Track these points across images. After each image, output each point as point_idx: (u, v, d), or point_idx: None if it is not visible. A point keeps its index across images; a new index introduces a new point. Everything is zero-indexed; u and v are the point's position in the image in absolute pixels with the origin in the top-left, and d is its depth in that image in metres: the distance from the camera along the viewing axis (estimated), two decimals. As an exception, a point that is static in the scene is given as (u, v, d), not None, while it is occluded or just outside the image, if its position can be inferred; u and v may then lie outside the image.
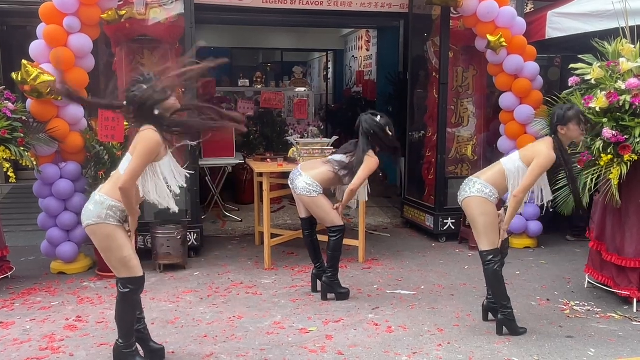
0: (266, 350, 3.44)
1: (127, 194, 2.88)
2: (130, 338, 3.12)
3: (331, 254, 4.28)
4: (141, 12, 5.02)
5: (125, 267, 3.01)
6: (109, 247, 2.99)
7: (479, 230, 3.58)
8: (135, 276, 3.03)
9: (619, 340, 3.63)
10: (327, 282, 4.31)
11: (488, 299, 3.83)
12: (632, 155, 3.79)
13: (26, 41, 4.93)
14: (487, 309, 3.85)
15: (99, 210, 2.95)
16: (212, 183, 7.32)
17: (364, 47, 10.32)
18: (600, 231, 4.32)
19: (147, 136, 2.88)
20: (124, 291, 3.03)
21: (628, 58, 3.92)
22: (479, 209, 3.53)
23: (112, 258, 3.02)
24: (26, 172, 5.65)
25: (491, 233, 3.55)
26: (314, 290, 4.44)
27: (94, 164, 4.97)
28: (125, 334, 3.11)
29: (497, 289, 3.64)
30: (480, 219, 3.53)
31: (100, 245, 3.03)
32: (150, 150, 2.87)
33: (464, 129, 6.28)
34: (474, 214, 3.57)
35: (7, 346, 3.51)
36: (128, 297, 3.05)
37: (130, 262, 3.01)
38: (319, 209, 4.25)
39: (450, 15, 5.83)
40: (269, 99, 8.78)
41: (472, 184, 3.60)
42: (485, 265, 3.60)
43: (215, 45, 11.04)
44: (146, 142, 2.87)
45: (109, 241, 2.98)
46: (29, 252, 5.59)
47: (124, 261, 3.00)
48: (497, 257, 3.58)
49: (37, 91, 4.47)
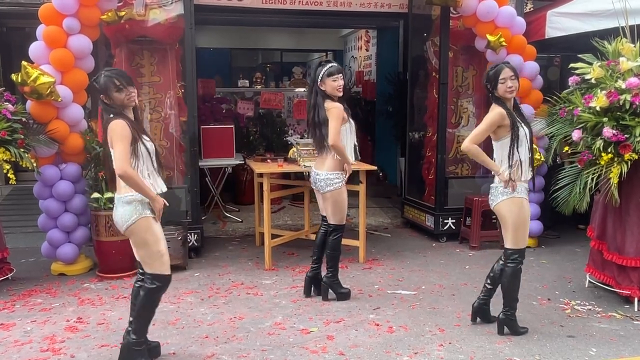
0: (267, 351, 3.44)
1: (129, 177, 2.93)
2: (143, 335, 3.16)
3: (330, 253, 4.26)
4: (141, 13, 5.02)
5: (159, 261, 3.07)
6: (147, 240, 3.05)
7: (508, 228, 3.56)
8: (166, 274, 3.11)
9: (620, 339, 3.63)
10: (327, 283, 4.30)
11: (479, 299, 3.82)
12: (633, 155, 3.79)
13: (26, 42, 4.94)
14: (478, 310, 3.83)
15: (133, 208, 3.01)
16: (212, 184, 7.32)
17: (363, 47, 10.32)
18: (601, 230, 4.32)
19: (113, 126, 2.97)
20: (152, 287, 3.08)
21: (628, 57, 3.93)
22: (509, 210, 3.51)
23: (148, 252, 3.06)
24: (26, 173, 5.64)
25: (520, 232, 3.54)
26: (308, 295, 4.38)
27: (94, 165, 4.97)
28: (140, 329, 3.15)
29: (511, 289, 3.62)
30: (510, 219, 3.52)
31: (139, 240, 3.06)
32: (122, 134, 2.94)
33: (464, 128, 6.28)
34: (505, 216, 3.55)
35: (8, 348, 3.51)
36: (154, 293, 3.11)
37: (164, 256, 3.10)
38: (337, 204, 4.17)
39: (450, 15, 5.83)
40: (269, 99, 8.78)
41: (494, 190, 3.58)
42: (508, 263, 3.58)
43: (215, 45, 11.06)
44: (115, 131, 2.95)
45: (148, 234, 3.04)
46: (30, 254, 5.58)
47: (159, 254, 3.07)
48: (521, 257, 3.58)
49: (36, 92, 4.46)
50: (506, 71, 3.46)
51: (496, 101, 3.51)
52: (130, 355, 3.14)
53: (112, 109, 3.03)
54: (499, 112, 3.45)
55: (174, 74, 5.57)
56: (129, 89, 3.03)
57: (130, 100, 3.05)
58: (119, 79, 3.01)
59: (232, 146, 6.87)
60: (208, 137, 6.78)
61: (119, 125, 2.96)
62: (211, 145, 6.75)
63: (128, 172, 2.92)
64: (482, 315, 3.84)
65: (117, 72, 3.08)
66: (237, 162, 6.84)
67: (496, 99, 3.51)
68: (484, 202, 5.43)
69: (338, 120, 4.02)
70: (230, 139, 6.86)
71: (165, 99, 5.56)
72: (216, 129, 6.93)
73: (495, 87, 3.48)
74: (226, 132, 6.90)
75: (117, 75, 3.03)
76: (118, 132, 2.94)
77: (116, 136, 2.94)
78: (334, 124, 4.00)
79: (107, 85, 2.99)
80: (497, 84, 3.47)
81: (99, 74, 3.07)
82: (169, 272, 3.13)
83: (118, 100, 3.01)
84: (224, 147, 6.80)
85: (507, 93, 3.47)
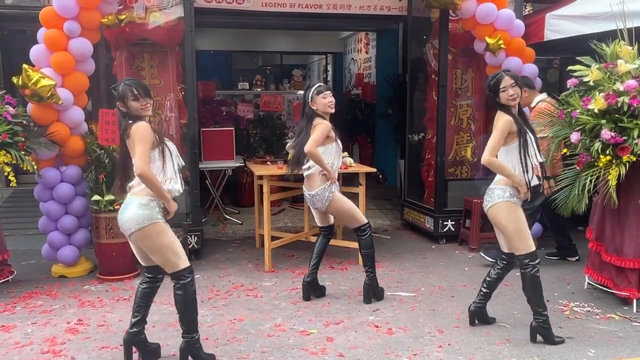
0: (267, 353, 3.45)
1: (149, 178, 2.98)
2: (196, 330, 3.22)
3: (365, 252, 4.27)
4: (141, 16, 5.04)
5: (177, 256, 3.12)
6: (162, 244, 3.08)
7: (510, 235, 3.50)
8: (188, 265, 3.16)
9: (619, 340, 3.64)
10: (368, 284, 4.29)
11: (475, 303, 3.82)
12: (631, 157, 3.80)
13: (27, 45, 4.95)
14: (475, 313, 3.83)
15: (148, 212, 3.04)
16: (213, 186, 7.33)
17: (363, 49, 10.35)
18: (599, 232, 4.33)
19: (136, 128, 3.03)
20: (184, 282, 3.13)
21: (626, 60, 3.93)
22: (504, 215, 3.47)
23: (166, 254, 3.10)
24: (27, 176, 5.65)
25: (522, 235, 3.48)
26: (307, 299, 4.38)
27: (95, 168, 4.99)
28: (191, 326, 3.20)
29: (534, 295, 3.55)
30: (508, 225, 3.48)
31: (153, 245, 3.09)
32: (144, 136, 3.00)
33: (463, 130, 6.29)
34: (501, 222, 3.50)
35: (9, 349, 3.52)
36: (189, 288, 3.16)
37: (181, 250, 3.14)
38: (341, 211, 4.24)
39: (449, 17, 5.84)
40: (269, 101, 8.81)
41: (490, 192, 3.56)
42: (523, 269, 3.52)
43: (215, 48, 11.08)
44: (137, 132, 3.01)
45: (161, 237, 3.08)
46: (30, 256, 5.59)
47: (176, 252, 3.12)
48: (534, 261, 3.49)
49: (37, 95, 4.48)
50: (506, 80, 3.46)
51: (502, 108, 3.49)
52: (195, 352, 3.20)
53: (128, 117, 3.09)
54: (507, 120, 3.43)
55: (174, 77, 5.59)
56: (146, 99, 3.10)
57: (146, 110, 3.11)
58: (137, 89, 3.08)
59: (232, 148, 6.89)
60: (208, 139, 6.80)
61: (142, 127, 3.03)
62: (211, 147, 6.77)
63: (147, 174, 2.97)
64: (480, 317, 3.84)
65: (136, 83, 3.14)
66: (237, 165, 6.85)
67: (501, 106, 3.50)
68: (483, 204, 5.45)
69: (322, 133, 4.05)
70: (230, 142, 6.87)
71: (166, 102, 5.58)
72: (216, 132, 6.95)
73: (497, 95, 3.48)
74: (226, 134, 6.92)
75: (136, 85, 3.10)
76: (139, 134, 3.00)
77: (138, 137, 3.00)
78: (315, 136, 4.02)
79: (125, 93, 3.05)
80: (498, 92, 3.47)
81: (119, 82, 3.15)
82: (188, 262, 3.18)
83: (134, 109, 3.07)
84: (224, 150, 6.81)
85: (510, 101, 3.46)
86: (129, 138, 3.05)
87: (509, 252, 3.66)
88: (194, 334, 3.21)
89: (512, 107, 3.50)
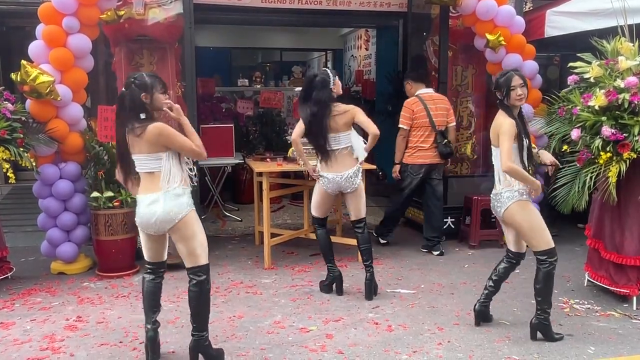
0: (266, 350, 3.45)
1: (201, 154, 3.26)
2: (207, 329, 3.20)
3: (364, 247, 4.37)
4: (140, 12, 5.02)
5: (202, 247, 3.13)
6: (194, 232, 3.10)
7: (526, 234, 3.50)
8: (207, 263, 3.16)
9: (618, 338, 3.64)
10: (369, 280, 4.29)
11: (481, 302, 3.81)
12: (631, 153, 3.79)
13: (25, 41, 4.94)
14: (481, 313, 3.81)
15: (186, 200, 3.06)
16: (212, 183, 7.33)
17: (363, 46, 10.32)
18: (597, 229, 4.32)
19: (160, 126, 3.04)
20: (201, 279, 3.13)
21: (627, 56, 3.93)
22: (519, 215, 3.46)
23: (194, 243, 3.10)
24: (26, 172, 5.64)
25: (539, 232, 3.48)
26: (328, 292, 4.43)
27: (94, 164, 4.98)
28: (205, 325, 3.19)
29: (544, 292, 3.54)
30: (523, 223, 3.47)
31: (188, 232, 3.08)
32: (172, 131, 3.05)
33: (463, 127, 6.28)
34: (516, 222, 3.48)
35: (8, 346, 3.51)
36: (205, 286, 3.15)
37: (206, 244, 3.17)
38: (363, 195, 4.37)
39: (449, 14, 5.83)
40: (268, 98, 8.78)
41: (499, 197, 3.53)
42: (539, 265, 3.52)
43: (214, 44, 11.06)
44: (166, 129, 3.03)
45: (197, 224, 3.11)
46: (29, 253, 5.59)
47: (202, 243, 3.14)
48: (552, 258, 3.49)
49: (36, 91, 4.47)
50: (516, 79, 3.43)
51: (504, 109, 3.47)
52: (205, 350, 3.19)
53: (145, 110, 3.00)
54: (512, 123, 3.40)
55: (174, 73, 5.57)
56: (166, 95, 3.12)
57: (165, 105, 3.09)
58: (163, 82, 3.09)
59: (231, 145, 6.87)
60: (207, 136, 6.77)
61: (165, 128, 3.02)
62: (211, 144, 6.69)
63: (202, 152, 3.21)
64: (485, 317, 3.83)
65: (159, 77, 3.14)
66: (236, 162, 6.84)
67: (505, 106, 3.47)
68: (483, 201, 5.45)
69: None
70: (229, 138, 6.85)
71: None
72: (216, 128, 6.93)
73: (505, 94, 3.44)
74: (226, 131, 6.90)
75: (160, 79, 3.10)
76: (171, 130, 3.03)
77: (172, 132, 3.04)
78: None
79: (154, 84, 3.02)
80: (508, 91, 3.43)
81: (138, 75, 3.06)
82: (207, 260, 3.18)
83: (158, 101, 3.04)
84: (223, 146, 6.79)
85: (517, 101, 3.44)
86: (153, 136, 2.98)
87: (517, 252, 3.65)
88: (205, 332, 3.19)
89: (515, 108, 3.48)
